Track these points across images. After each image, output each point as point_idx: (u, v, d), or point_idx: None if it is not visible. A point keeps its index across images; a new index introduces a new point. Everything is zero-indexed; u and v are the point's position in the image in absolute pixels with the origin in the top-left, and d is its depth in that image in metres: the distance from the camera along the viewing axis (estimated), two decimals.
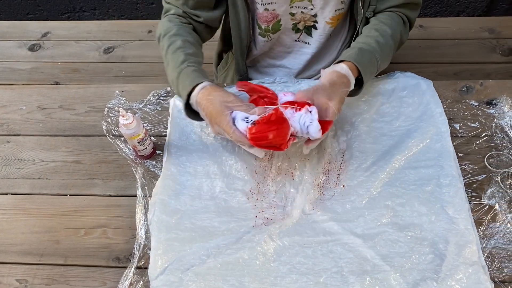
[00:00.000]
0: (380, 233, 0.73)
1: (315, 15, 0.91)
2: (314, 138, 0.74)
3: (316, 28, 0.95)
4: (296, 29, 0.95)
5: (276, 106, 0.75)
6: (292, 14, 0.92)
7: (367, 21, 0.90)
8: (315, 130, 0.73)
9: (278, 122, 0.73)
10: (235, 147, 0.84)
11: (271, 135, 0.73)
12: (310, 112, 0.73)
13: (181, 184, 0.80)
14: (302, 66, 1.03)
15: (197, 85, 0.77)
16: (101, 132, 0.90)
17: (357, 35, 0.93)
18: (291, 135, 0.74)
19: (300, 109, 0.74)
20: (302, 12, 0.91)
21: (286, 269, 0.70)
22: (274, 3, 0.88)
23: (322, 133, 0.73)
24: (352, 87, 0.80)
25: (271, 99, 0.79)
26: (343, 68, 0.79)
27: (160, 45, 0.88)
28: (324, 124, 0.74)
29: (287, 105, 0.75)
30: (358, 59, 0.80)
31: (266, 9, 0.90)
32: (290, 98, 0.77)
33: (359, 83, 0.81)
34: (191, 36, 0.88)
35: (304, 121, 0.73)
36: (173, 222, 0.76)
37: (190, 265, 0.71)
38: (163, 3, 0.92)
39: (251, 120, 0.74)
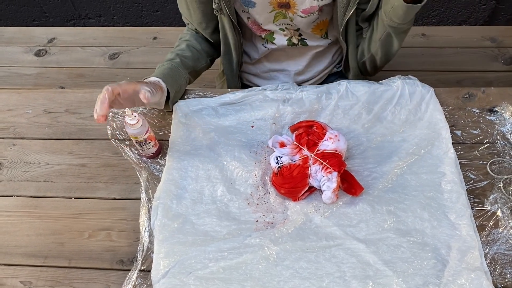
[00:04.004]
0: (383, 239, 0.73)
1: (298, 29, 0.94)
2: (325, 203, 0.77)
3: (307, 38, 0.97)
4: (291, 44, 0.98)
5: (308, 155, 0.79)
6: (282, 30, 0.94)
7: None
8: (326, 197, 0.76)
9: (297, 179, 0.77)
10: (235, 152, 0.84)
11: (283, 191, 0.78)
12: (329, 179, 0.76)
13: (182, 188, 0.81)
14: (302, 67, 1.05)
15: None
16: (106, 136, 0.91)
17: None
18: (311, 187, 0.78)
19: (327, 168, 0.76)
20: (286, 28, 0.93)
21: (289, 273, 0.71)
22: (247, 12, 0.90)
23: (356, 195, 0.77)
24: None
25: (318, 134, 0.82)
26: None
27: None
28: (356, 186, 0.77)
29: (319, 159, 0.78)
30: None
31: (248, 18, 0.92)
32: (334, 145, 0.79)
33: None
34: (200, 44, 0.98)
35: (323, 183, 0.76)
36: (175, 226, 0.76)
37: (192, 269, 0.71)
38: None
39: (280, 163, 0.78)
